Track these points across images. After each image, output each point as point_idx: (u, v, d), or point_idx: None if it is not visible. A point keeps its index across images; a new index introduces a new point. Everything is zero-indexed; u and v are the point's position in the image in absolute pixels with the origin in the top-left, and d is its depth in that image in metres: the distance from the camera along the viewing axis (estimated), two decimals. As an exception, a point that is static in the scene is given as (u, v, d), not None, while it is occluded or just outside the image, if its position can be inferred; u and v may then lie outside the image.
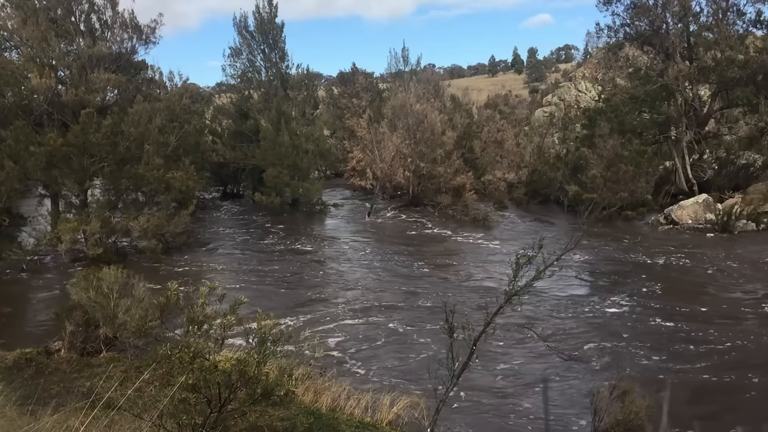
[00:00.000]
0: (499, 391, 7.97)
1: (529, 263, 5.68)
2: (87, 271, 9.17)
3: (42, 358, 8.11)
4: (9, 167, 14.11)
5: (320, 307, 11.79)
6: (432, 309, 11.30)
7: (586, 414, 7.06)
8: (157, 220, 15.94)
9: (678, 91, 22.15)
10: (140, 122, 16.85)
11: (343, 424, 6.28)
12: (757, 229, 18.07)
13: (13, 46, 17.67)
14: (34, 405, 5.44)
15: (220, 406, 4.48)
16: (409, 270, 14.77)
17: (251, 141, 24.55)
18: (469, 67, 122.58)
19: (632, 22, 23.25)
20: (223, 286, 10.66)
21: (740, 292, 12.27)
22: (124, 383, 6.08)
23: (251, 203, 24.00)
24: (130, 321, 8.26)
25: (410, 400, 7.19)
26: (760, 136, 22.00)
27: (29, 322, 11.21)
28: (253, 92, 26.83)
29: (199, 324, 5.28)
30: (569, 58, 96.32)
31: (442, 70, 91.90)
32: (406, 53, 31.12)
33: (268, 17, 25.72)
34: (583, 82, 42.91)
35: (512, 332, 9.51)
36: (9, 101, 16.02)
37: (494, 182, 26.28)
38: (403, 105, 24.62)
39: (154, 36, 19.48)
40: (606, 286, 13.00)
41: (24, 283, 14.00)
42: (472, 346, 5.86)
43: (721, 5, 22.21)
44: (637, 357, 9.04)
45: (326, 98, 38.76)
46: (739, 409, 7.33)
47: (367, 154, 25.24)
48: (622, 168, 19.70)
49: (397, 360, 9.14)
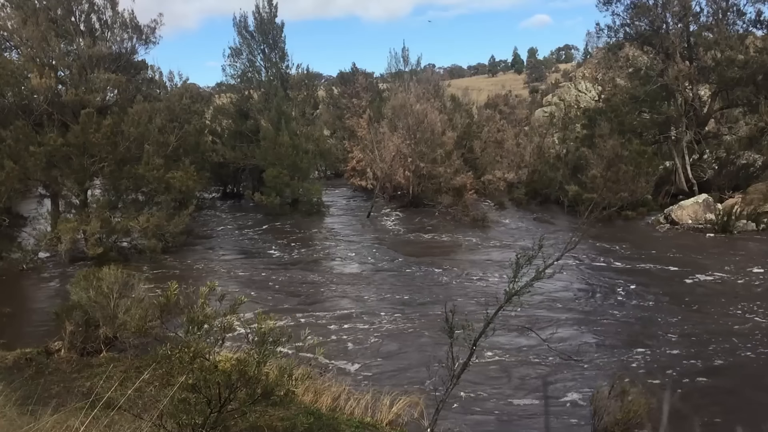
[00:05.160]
0: (500, 391, 7.97)
1: (529, 263, 5.69)
2: (87, 271, 9.17)
3: (42, 358, 8.10)
4: (9, 167, 14.12)
5: (320, 307, 11.79)
6: (431, 309, 11.29)
7: (585, 414, 7.06)
8: (157, 220, 15.96)
9: (678, 91, 22.16)
10: (140, 122, 16.85)
11: (343, 424, 6.28)
12: (757, 229, 18.06)
13: (13, 46, 17.66)
14: (34, 405, 5.44)
15: (220, 406, 4.48)
16: (409, 269, 14.77)
17: (251, 141, 24.56)
18: (469, 67, 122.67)
19: (632, 22, 23.28)
20: (223, 286, 10.68)
21: (740, 292, 12.26)
22: (124, 383, 6.08)
23: (251, 203, 24.01)
24: (130, 321, 8.26)
25: (410, 400, 7.19)
26: (760, 136, 22.00)
27: (29, 322, 11.20)
28: (253, 92, 26.83)
29: (199, 324, 5.29)
30: (569, 58, 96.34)
31: (442, 70, 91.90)
32: (406, 53, 31.10)
33: (268, 17, 25.72)
34: (583, 82, 42.86)
35: (512, 332, 9.51)
36: (9, 101, 16.02)
37: (494, 182, 26.28)
38: (403, 105, 24.63)
39: (154, 36, 19.49)
40: (606, 286, 13.00)
41: (24, 283, 14.01)
42: (472, 346, 5.86)
43: (721, 5, 22.24)
44: (637, 357, 9.04)
45: (326, 98, 38.74)
46: (739, 410, 7.33)
47: (367, 154, 25.24)
48: (622, 168, 19.68)
49: (396, 360, 9.14)
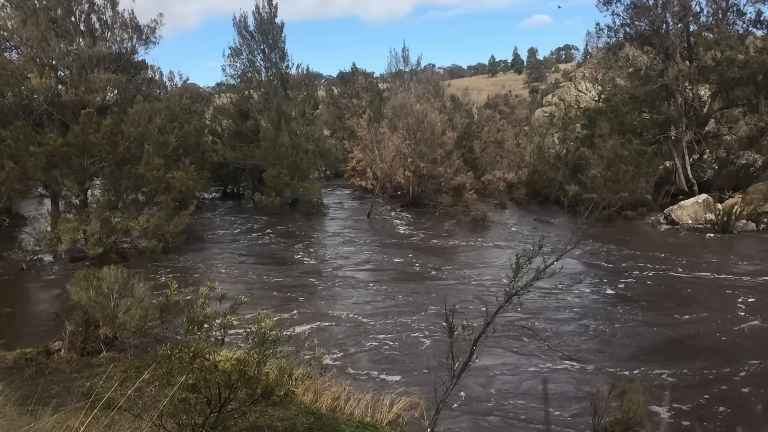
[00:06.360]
0: (500, 391, 7.97)
1: (529, 263, 5.68)
2: (87, 271, 9.16)
3: (42, 358, 8.10)
4: (9, 167, 14.13)
5: (319, 307, 11.78)
6: (432, 308, 11.29)
7: (586, 413, 7.05)
8: (157, 220, 15.96)
9: (678, 91, 22.16)
10: (140, 122, 16.86)
11: (343, 424, 6.28)
12: (757, 229, 18.07)
13: (13, 46, 17.68)
14: (34, 405, 5.44)
15: (220, 406, 4.48)
16: (409, 269, 14.76)
17: (251, 141, 24.56)
18: (469, 67, 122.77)
19: (632, 22, 23.28)
20: (223, 286, 10.68)
21: (740, 292, 12.26)
22: (124, 383, 6.07)
23: (251, 203, 24.00)
24: (130, 321, 8.26)
25: (410, 400, 7.18)
26: (760, 136, 22.01)
27: (29, 322, 11.19)
28: (253, 92, 26.85)
29: (199, 324, 5.29)
30: (569, 58, 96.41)
31: (442, 70, 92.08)
32: (406, 53, 31.26)
33: (267, 17, 25.74)
34: (583, 82, 42.91)
35: (512, 332, 9.51)
36: (9, 101, 16.04)
37: (494, 182, 26.29)
38: (403, 105, 24.64)
39: (154, 36, 19.55)
40: (605, 286, 12.99)
41: (24, 283, 14.00)
42: (472, 346, 5.86)
43: (721, 5, 22.24)
44: (637, 357, 9.03)
45: (326, 98, 38.75)
46: (738, 409, 7.33)
47: (367, 154, 25.23)
48: (622, 168, 19.69)
49: (395, 360, 9.13)
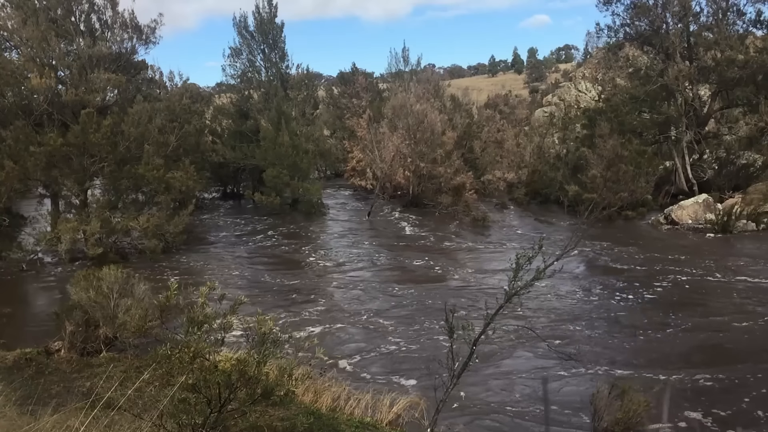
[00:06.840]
0: (499, 391, 7.97)
1: (529, 263, 5.68)
2: (87, 271, 9.16)
3: (42, 358, 8.09)
4: (9, 167, 14.12)
5: (319, 307, 11.78)
6: (431, 308, 11.29)
7: (586, 413, 7.05)
8: (157, 220, 15.95)
9: (678, 91, 22.16)
10: (140, 122, 16.85)
11: (343, 424, 6.28)
12: (757, 229, 18.06)
13: (13, 46, 17.66)
14: (34, 405, 5.44)
15: (220, 406, 4.48)
16: (409, 269, 14.77)
17: (251, 141, 24.55)
18: (469, 67, 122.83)
19: (632, 22, 23.29)
20: (223, 286, 10.67)
21: (741, 291, 12.26)
22: (124, 383, 6.07)
23: (251, 203, 24.00)
24: (130, 321, 8.26)
25: (410, 400, 7.18)
26: (760, 136, 22.01)
27: (29, 322, 11.20)
28: (253, 92, 26.84)
29: (199, 324, 5.29)
30: (569, 58, 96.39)
31: (442, 70, 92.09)
32: (406, 53, 31.18)
33: (267, 17, 25.73)
34: (583, 82, 42.91)
35: (511, 332, 9.51)
36: (9, 101, 16.01)
37: (494, 182, 26.28)
38: (403, 105, 24.63)
39: (154, 36, 19.49)
40: (605, 285, 12.99)
41: (24, 283, 14.00)
42: (472, 346, 5.86)
43: (721, 5, 22.24)
44: (637, 356, 9.04)
45: (326, 98, 38.72)
46: (737, 410, 7.33)
47: (367, 154, 25.24)
48: (622, 168, 19.69)
49: (395, 360, 9.13)
